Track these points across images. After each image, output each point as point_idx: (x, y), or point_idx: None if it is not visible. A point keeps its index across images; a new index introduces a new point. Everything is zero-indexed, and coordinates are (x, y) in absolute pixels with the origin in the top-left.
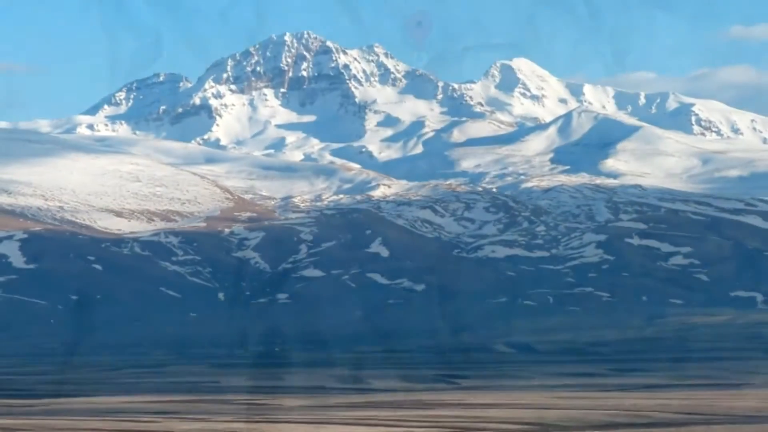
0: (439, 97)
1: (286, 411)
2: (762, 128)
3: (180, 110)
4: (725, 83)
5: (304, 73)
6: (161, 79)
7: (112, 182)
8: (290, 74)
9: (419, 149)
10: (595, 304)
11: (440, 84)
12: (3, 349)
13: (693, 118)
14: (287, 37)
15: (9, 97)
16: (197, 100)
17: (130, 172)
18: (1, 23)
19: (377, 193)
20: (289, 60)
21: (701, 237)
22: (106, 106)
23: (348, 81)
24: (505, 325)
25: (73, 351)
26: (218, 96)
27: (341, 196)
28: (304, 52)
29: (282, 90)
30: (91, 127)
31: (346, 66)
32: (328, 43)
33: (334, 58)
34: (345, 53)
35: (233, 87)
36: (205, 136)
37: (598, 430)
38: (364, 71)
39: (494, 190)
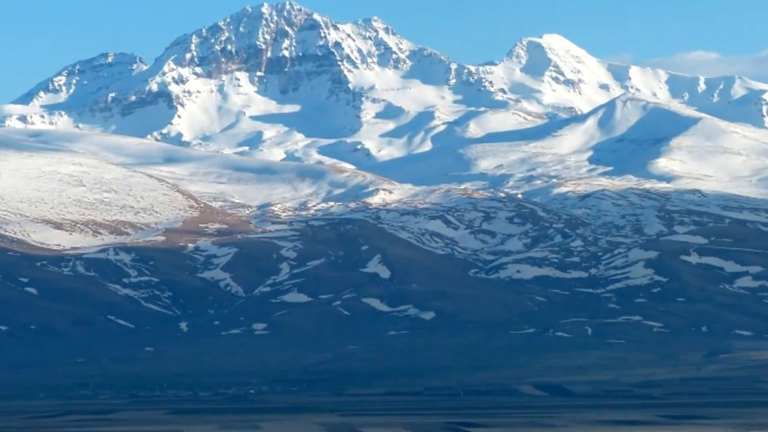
0: (452, 81)
1: None
2: None
3: (133, 98)
4: None
5: (286, 53)
6: (110, 60)
7: (49, 187)
8: (268, 54)
9: (427, 146)
10: (644, 336)
11: (453, 66)
12: None
13: (764, 108)
14: (265, 9)
15: None
16: (154, 86)
17: (72, 174)
18: None
19: (376, 200)
20: (267, 37)
21: None
22: (42, 94)
23: (339, 62)
24: (533, 361)
25: (2, 393)
26: (180, 81)
27: (331, 203)
28: (286, 27)
29: (258, 73)
30: (23, 119)
31: (337, 44)
32: (316, 16)
33: (322, 35)
34: (336, 28)
35: (198, 70)
36: (164, 130)
37: None
38: (359, 50)
39: (519, 196)
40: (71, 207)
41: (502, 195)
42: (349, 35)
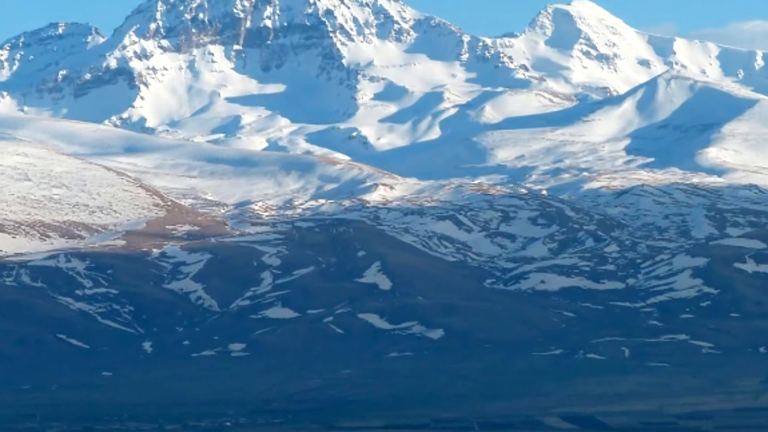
0: (465, 57)
1: None
2: None
3: (88, 77)
4: None
5: (268, 23)
6: (60, 31)
7: None
8: (248, 24)
9: (435, 133)
10: (691, 358)
11: (466, 38)
12: None
13: None
14: None
15: None
16: (113, 62)
17: (15, 166)
18: None
19: (374, 197)
20: (245, 3)
21: None
22: None
23: (331, 34)
24: (560, 388)
25: None
26: (143, 56)
27: (322, 201)
28: None
29: (236, 47)
30: None
31: (328, 12)
32: None
33: (311, 1)
34: None
35: (165, 43)
36: (125, 115)
37: None
38: (354, 20)
39: (544, 192)
40: (15, 205)
41: (524, 191)
42: (342, 2)
